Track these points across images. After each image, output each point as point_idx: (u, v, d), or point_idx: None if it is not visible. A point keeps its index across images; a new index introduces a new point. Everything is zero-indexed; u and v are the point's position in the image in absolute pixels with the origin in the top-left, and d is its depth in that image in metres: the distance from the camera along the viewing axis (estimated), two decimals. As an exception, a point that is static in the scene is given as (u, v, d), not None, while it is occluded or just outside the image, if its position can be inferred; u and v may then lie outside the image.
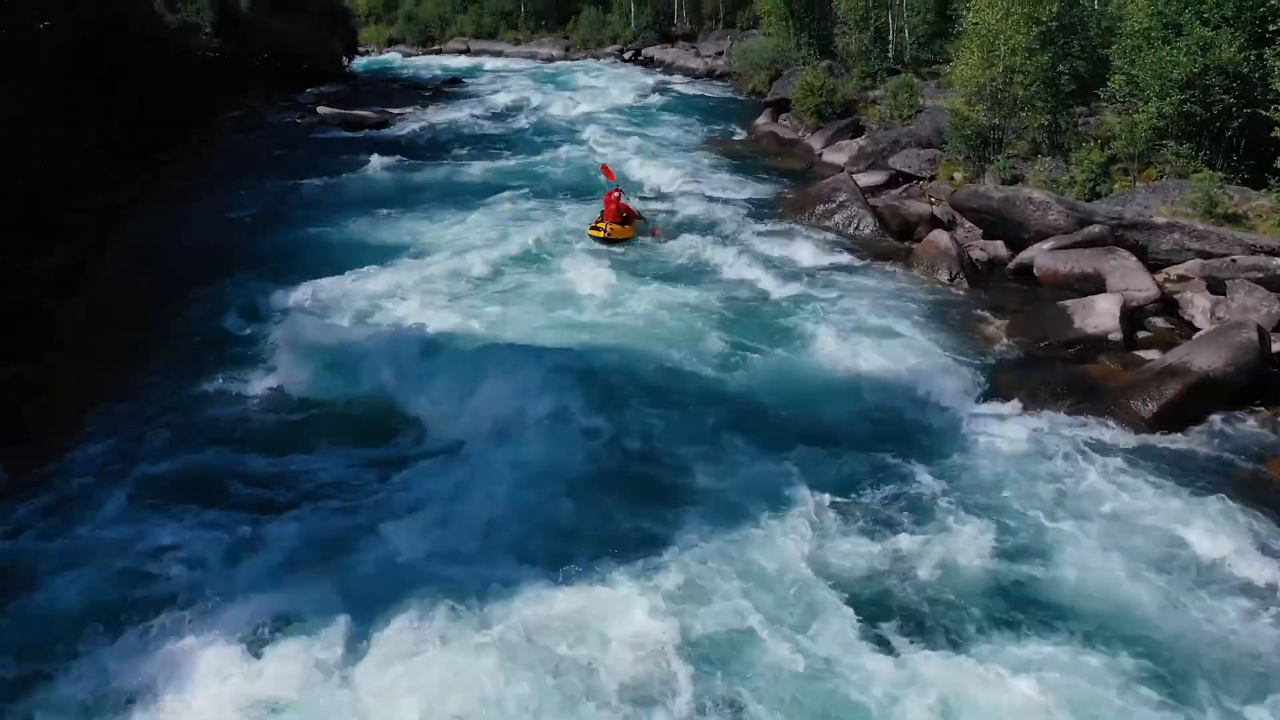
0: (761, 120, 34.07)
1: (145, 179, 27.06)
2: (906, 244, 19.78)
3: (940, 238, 17.56)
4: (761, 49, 41.65)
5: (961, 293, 16.79)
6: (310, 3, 50.55)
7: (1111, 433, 11.74)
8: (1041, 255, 16.79)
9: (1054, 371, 13.58)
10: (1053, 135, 21.66)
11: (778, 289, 17.27)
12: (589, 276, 17.96)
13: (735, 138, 33.39)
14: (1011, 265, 17.44)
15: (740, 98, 42.80)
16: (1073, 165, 19.92)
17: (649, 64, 58.84)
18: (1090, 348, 14.07)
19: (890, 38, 37.12)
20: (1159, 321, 15.07)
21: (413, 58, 70.18)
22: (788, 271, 18.24)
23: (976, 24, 20.96)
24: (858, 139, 28.90)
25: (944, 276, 17.09)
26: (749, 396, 13.29)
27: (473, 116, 38.39)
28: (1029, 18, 20.19)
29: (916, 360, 14.05)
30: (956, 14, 40.00)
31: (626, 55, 60.99)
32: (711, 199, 24.36)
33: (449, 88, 49.47)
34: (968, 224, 19.74)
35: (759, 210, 23.01)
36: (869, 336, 14.87)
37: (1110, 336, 14.04)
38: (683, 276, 18.23)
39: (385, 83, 51.39)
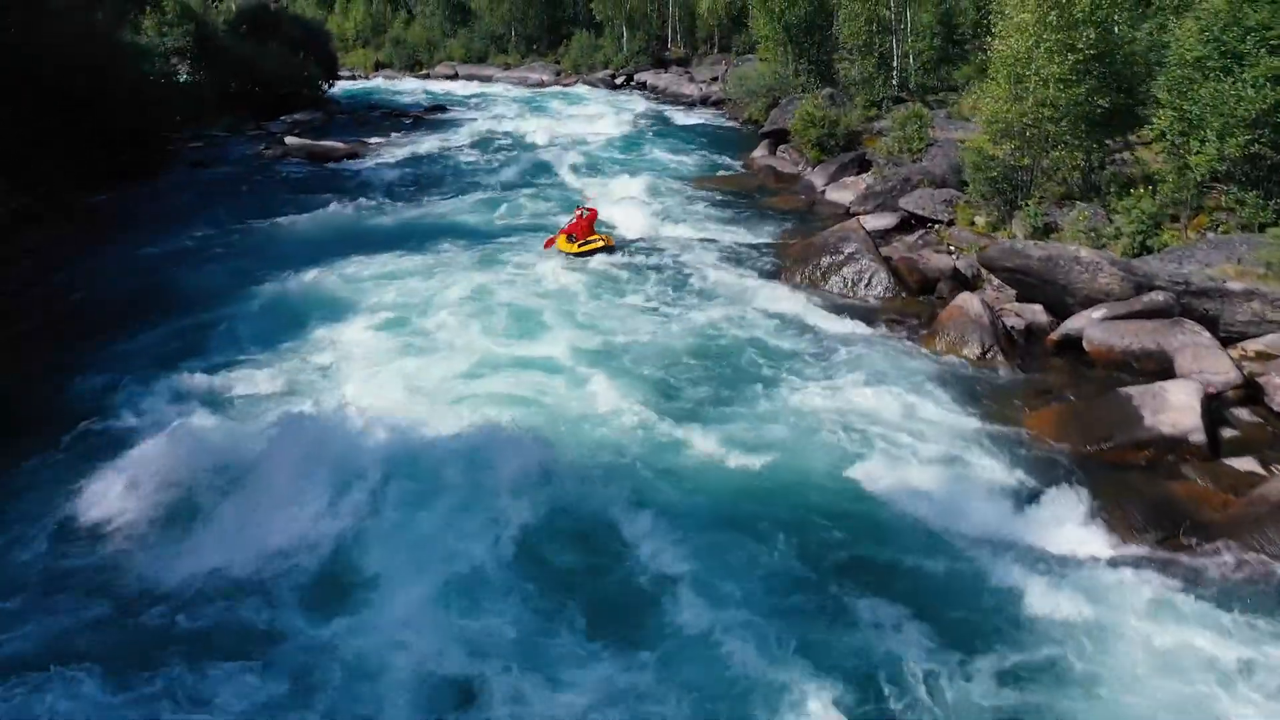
0: (759, 153, 31.37)
1: (81, 217, 24.41)
2: (926, 300, 17.03)
3: (970, 303, 14.73)
4: (758, 76, 39.04)
5: (997, 372, 13.96)
6: (286, 27, 48.04)
7: (1222, 590, 8.84)
8: (1093, 326, 13.97)
9: (1126, 487, 10.71)
10: (1088, 177, 18.94)
11: (774, 363, 14.46)
12: (561, 343, 15.23)
13: (730, 172, 30.65)
14: (1055, 336, 14.59)
15: (736, 126, 40.19)
16: (1117, 213, 17.19)
17: (641, 90, 56.34)
18: (1167, 452, 11.23)
19: (894, 64, 34.53)
20: (1243, 414, 12.22)
21: (399, 82, 67.65)
22: (788, 338, 15.45)
23: (1003, 52, 18.22)
24: (864, 175, 26.16)
25: (974, 351, 14.26)
26: (732, 515, 10.46)
27: (450, 147, 35.69)
28: (1063, 45, 17.46)
29: (944, 470, 11.18)
30: (963, 39, 37.75)
31: (618, 81, 58.48)
32: (702, 244, 21.67)
33: (431, 115, 46.85)
34: (996, 280, 16.94)
35: (755, 259, 20.24)
36: (883, 433, 12.03)
37: (1191, 438, 11.22)
38: (665, 343, 15.40)
39: (366, 109, 48.75)
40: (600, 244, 20.39)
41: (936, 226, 21.52)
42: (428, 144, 36.51)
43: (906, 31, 34.72)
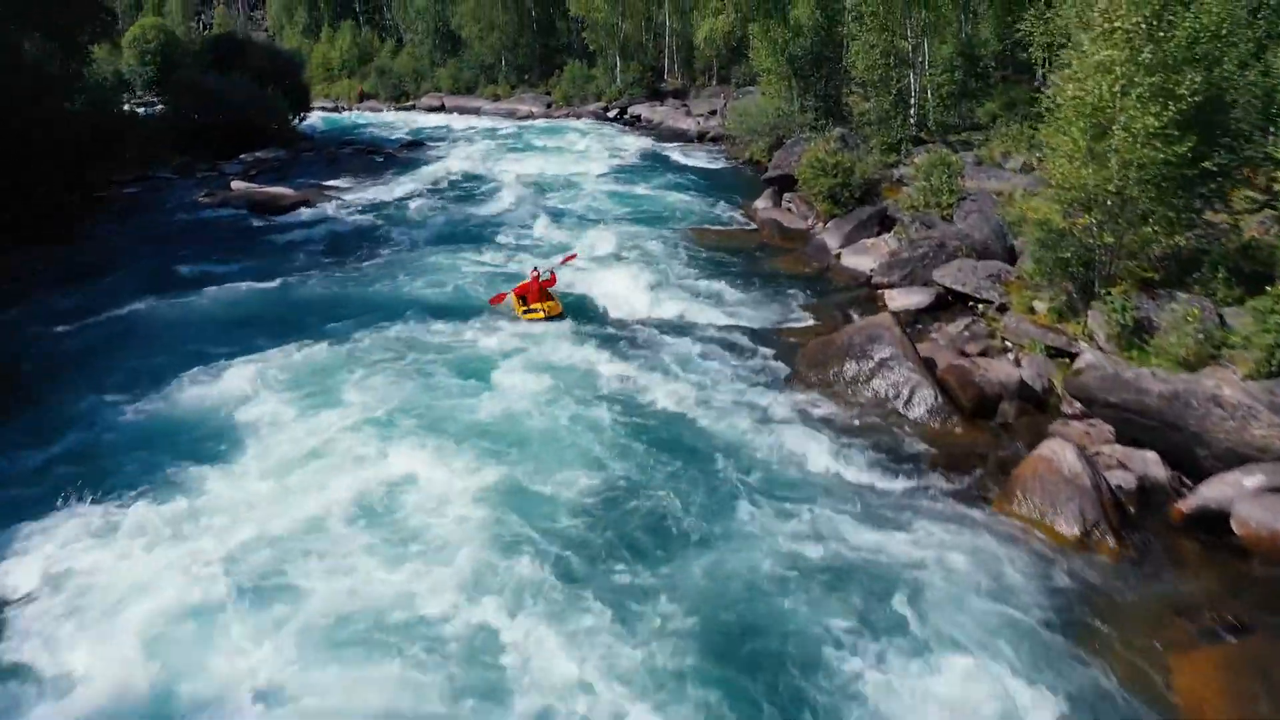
0: (761, 203, 27.09)
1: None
2: (988, 428, 12.67)
3: (1061, 457, 10.34)
4: (759, 112, 34.87)
5: (1106, 560, 9.59)
6: (252, 57, 44.02)
7: None
8: (1246, 500, 9.65)
9: None
10: (1187, 258, 14.63)
11: (777, 539, 10.13)
12: (477, 482, 11.06)
13: (729, 224, 26.37)
14: (1187, 508, 10.22)
15: (736, 168, 35.96)
16: (1229, 305, 12.91)
17: (635, 124, 52.25)
18: None
19: (912, 99, 30.33)
20: None
21: (382, 115, 63.77)
22: (794, 495, 11.10)
23: (1078, 99, 13.91)
24: (885, 235, 21.86)
25: (1071, 527, 9.90)
26: None
27: (414, 192, 31.49)
28: (1161, 91, 13.17)
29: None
30: (985, 71, 33.62)
31: (611, 114, 54.43)
32: (687, 325, 17.46)
33: (405, 152, 42.74)
34: (1079, 403, 12.58)
35: (755, 352, 15.92)
36: (939, 679, 7.70)
37: None
38: (608, 493, 11.09)
39: (338, 145, 44.63)
40: (543, 314, 17.94)
41: (983, 308, 17.22)
42: (391, 188, 32.32)
43: (924, 64, 30.54)
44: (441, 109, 64.07)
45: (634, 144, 42.95)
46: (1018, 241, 19.42)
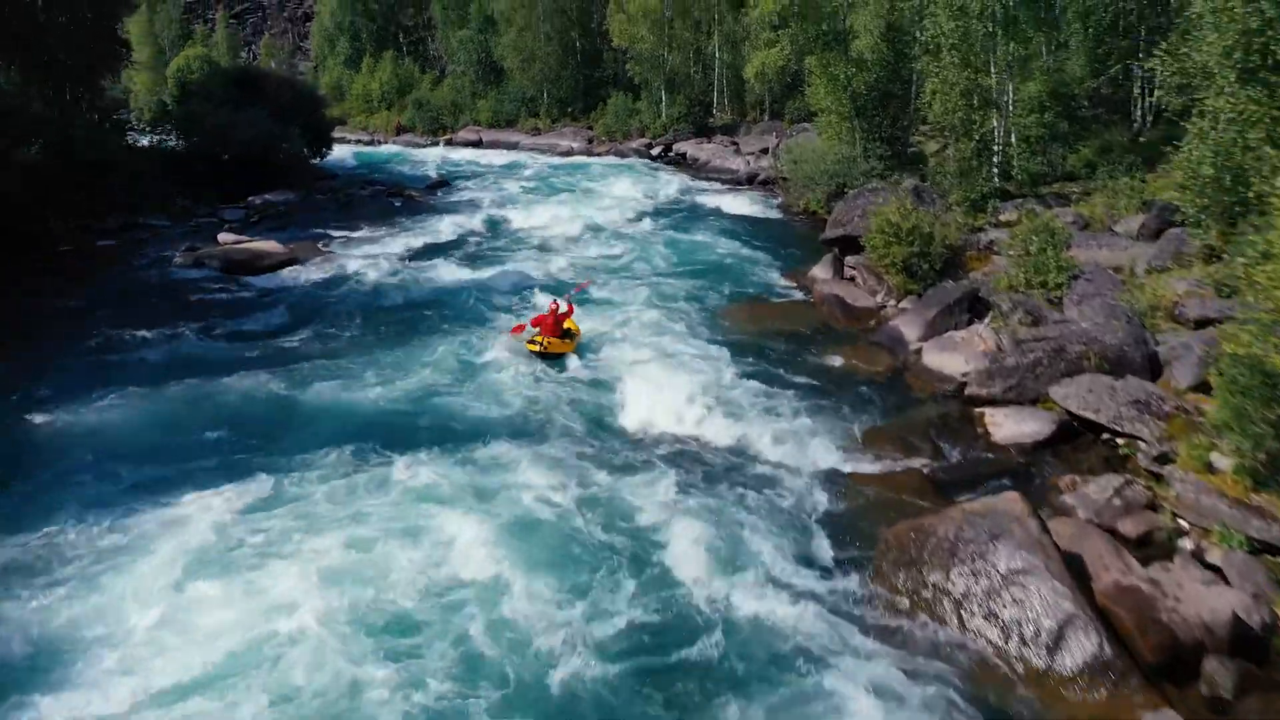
0: (820, 271, 22.47)
1: None
2: (1185, 700, 7.97)
3: None
4: (816, 157, 30.31)
5: None
6: (270, 91, 40.63)
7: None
8: None
9: None
10: None
11: None
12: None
13: (781, 297, 21.82)
14: None
15: (790, 219, 31.41)
16: None
17: (680, 163, 47.99)
18: None
19: (996, 145, 25.56)
20: None
21: (417, 149, 60.37)
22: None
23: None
24: (979, 326, 17.10)
25: None
26: None
27: (424, 247, 27.54)
28: None
29: None
30: (1078, 108, 28.75)
31: (655, 151, 50.24)
32: (726, 464, 13.10)
33: (429, 194, 38.96)
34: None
35: (817, 523, 11.38)
36: None
37: None
38: None
39: (359, 185, 40.99)
40: (539, 347, 17.09)
41: (1125, 445, 12.49)
42: (400, 241, 28.36)
43: (1009, 104, 25.78)
44: (479, 144, 60.46)
45: (677, 187, 38.61)
46: (1161, 348, 14.65)
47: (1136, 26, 29.64)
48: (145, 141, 38.34)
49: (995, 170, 25.29)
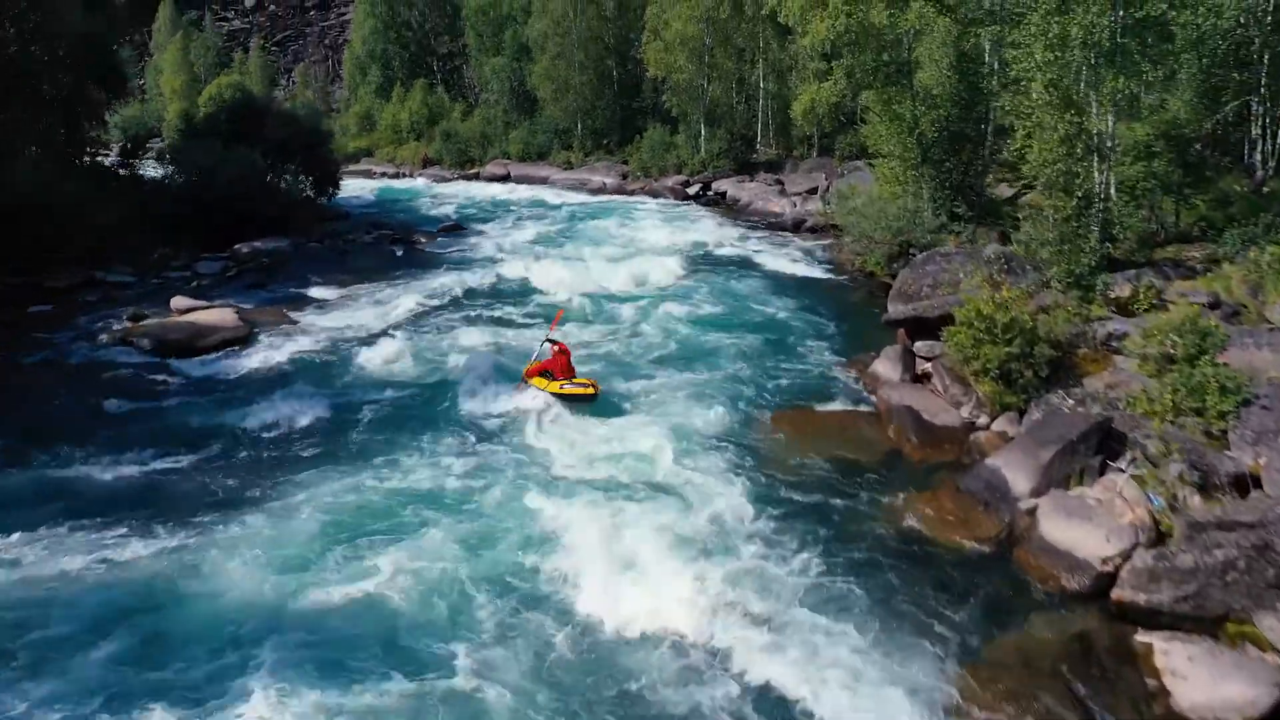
0: (886, 367, 17.54)
1: None
2: None
3: None
4: (876, 209, 25.42)
5: None
6: (270, 127, 36.79)
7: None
8: None
9: None
10: None
11: None
12: None
13: (835, 402, 16.92)
14: None
15: (844, 281, 26.54)
16: None
17: (718, 203, 43.40)
18: None
19: (1096, 202, 20.49)
20: None
21: (442, 184, 56.52)
22: None
23: None
24: (1116, 475, 12.09)
25: None
26: None
27: (415, 314, 23.21)
28: None
29: None
30: (1188, 153, 23.64)
31: (692, 189, 45.65)
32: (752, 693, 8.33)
33: (439, 240, 34.85)
34: None
35: None
36: None
37: None
38: None
39: (364, 229, 36.94)
40: (583, 392, 16.16)
41: None
42: (387, 306, 24.05)
43: (1113, 151, 20.73)
44: (507, 178, 56.46)
45: (715, 235, 33.93)
46: None
47: (1257, 57, 24.43)
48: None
49: (1097, 232, 20.25)
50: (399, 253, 32.27)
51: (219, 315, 20.96)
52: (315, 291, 25.95)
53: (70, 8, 30.85)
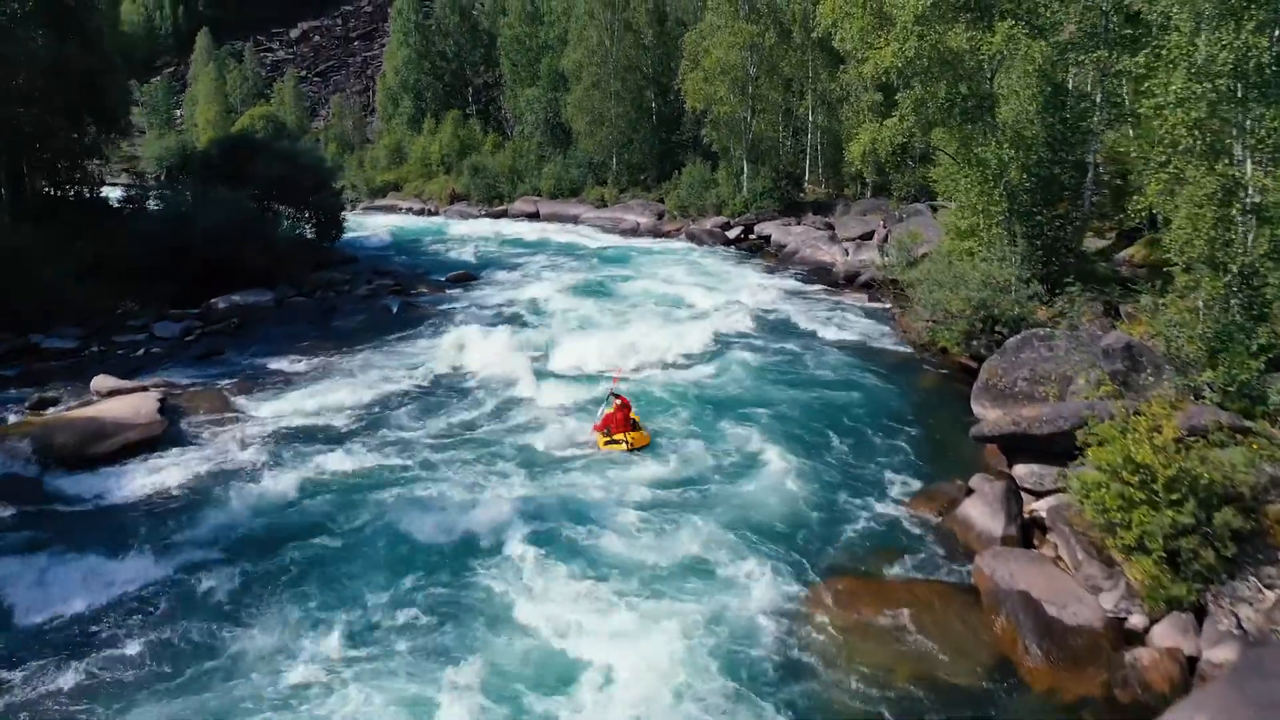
0: (977, 510, 12.60)
1: None
2: None
3: None
4: (953, 275, 20.46)
5: None
6: (264, 164, 32.97)
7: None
8: None
9: None
10: None
11: None
12: None
13: (907, 564, 12.02)
14: None
15: (910, 357, 21.63)
16: None
17: (762, 248, 38.79)
18: None
19: (1235, 265, 15.36)
20: None
21: (466, 222, 52.69)
22: None
23: None
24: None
25: None
26: None
27: (388, 399, 18.71)
28: None
29: None
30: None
31: (733, 232, 41.04)
32: None
33: (445, 292, 30.73)
34: None
35: None
36: None
37: None
38: None
39: (366, 277, 32.92)
40: (627, 445, 15.70)
41: None
42: (362, 385, 19.67)
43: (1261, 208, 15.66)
44: (536, 216, 52.46)
45: (756, 291, 29.23)
46: None
47: None
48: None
49: (1240, 297, 15.19)
50: (394, 308, 28.04)
51: (134, 405, 16.72)
52: (278, 363, 21.74)
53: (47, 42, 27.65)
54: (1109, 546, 10.59)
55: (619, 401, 16.34)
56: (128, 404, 16.84)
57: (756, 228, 40.64)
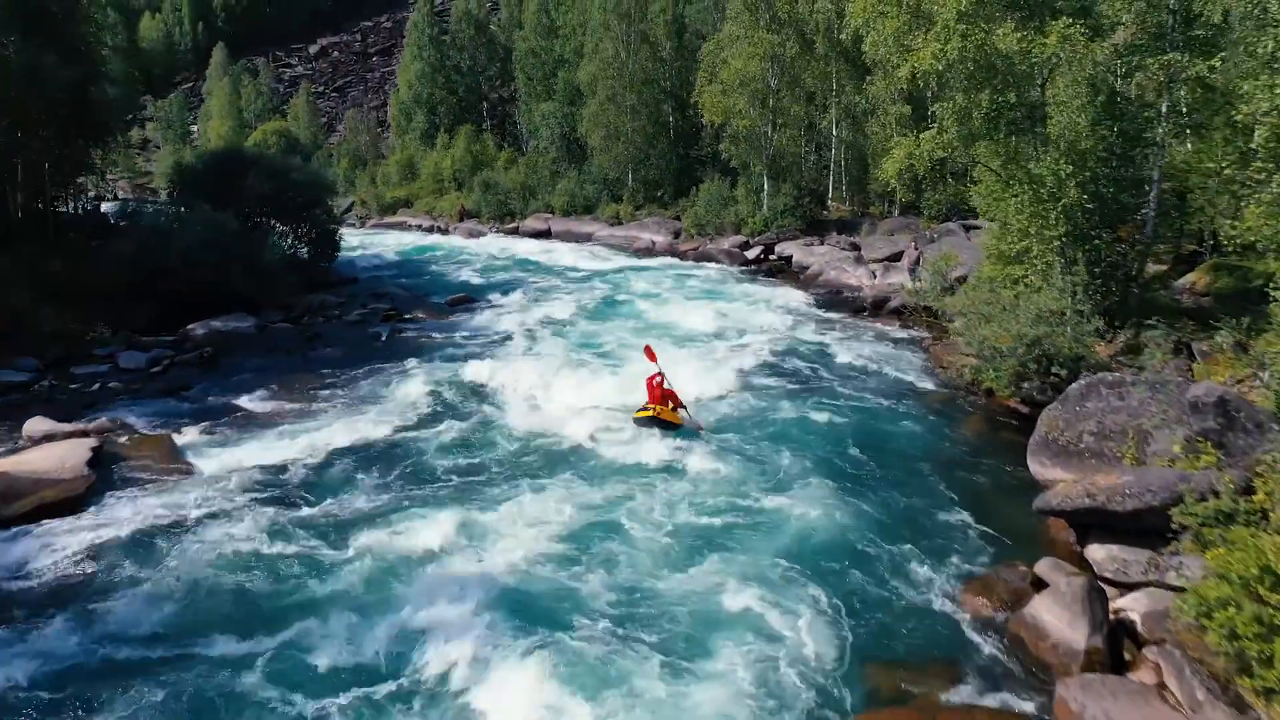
0: (1050, 612, 10.01)
1: None
2: None
3: None
4: (1002, 306, 17.89)
5: None
6: (258, 182, 30.91)
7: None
8: None
9: None
10: None
11: None
12: None
13: (966, 685, 9.50)
14: None
15: (950, 396, 19.04)
16: None
17: (783, 270, 36.36)
18: None
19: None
20: None
21: (474, 239, 50.59)
22: None
23: None
24: None
25: None
26: None
27: (358, 446, 16.36)
28: None
29: None
30: None
31: (752, 252, 38.62)
32: None
33: (438, 318, 28.41)
34: None
35: None
36: None
37: None
38: None
39: (360, 299, 30.82)
40: (671, 419, 16.42)
41: None
42: (319, 434, 17.28)
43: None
44: (548, 234, 50.29)
45: (778, 317, 26.85)
46: None
47: None
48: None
49: None
50: (383, 336, 25.83)
51: (61, 456, 14.48)
52: (246, 399, 19.50)
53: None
54: (1241, 685, 8.03)
55: (653, 378, 16.88)
56: (54, 454, 14.60)
57: (777, 248, 38.21)
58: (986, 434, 16.74)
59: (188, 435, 17.14)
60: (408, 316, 28.32)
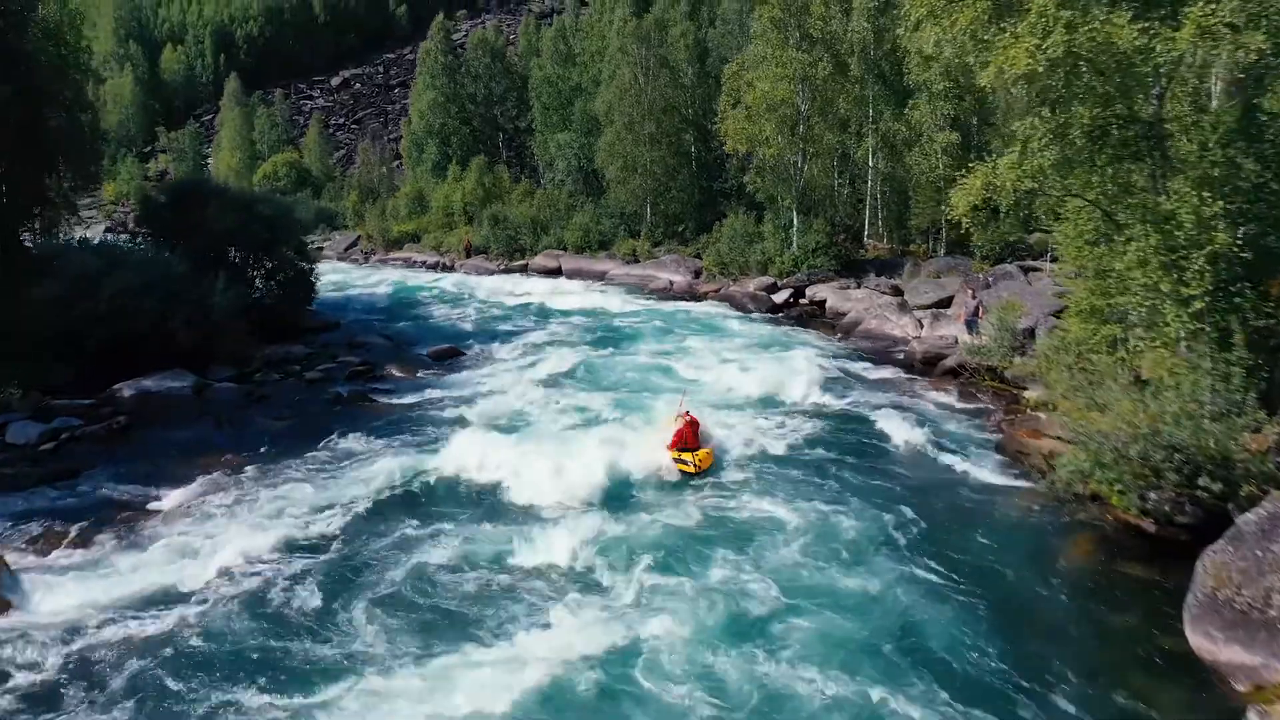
0: None
1: None
2: None
3: None
4: (1132, 401, 13.14)
5: None
6: (219, 216, 26.93)
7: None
8: None
9: None
10: None
11: None
12: None
13: None
14: None
15: (1035, 491, 14.33)
16: None
17: (815, 316, 31.87)
18: None
19: None
20: None
21: (479, 277, 46.52)
22: None
23: None
24: None
25: None
26: None
27: (266, 577, 12.01)
28: None
29: None
30: None
31: (780, 296, 34.12)
32: None
33: (413, 378, 24.06)
34: None
35: None
36: None
37: None
38: None
39: (335, 349, 26.75)
40: (694, 467, 15.52)
41: None
42: (225, 549, 12.99)
43: None
44: (557, 272, 46.12)
45: (808, 373, 22.25)
46: None
47: None
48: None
49: None
50: (344, 395, 21.59)
51: None
52: (145, 492, 15.34)
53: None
54: None
55: (688, 418, 16.37)
56: None
57: (808, 291, 33.71)
58: (1102, 565, 12.06)
59: (41, 550, 12.91)
60: (378, 374, 24.09)
